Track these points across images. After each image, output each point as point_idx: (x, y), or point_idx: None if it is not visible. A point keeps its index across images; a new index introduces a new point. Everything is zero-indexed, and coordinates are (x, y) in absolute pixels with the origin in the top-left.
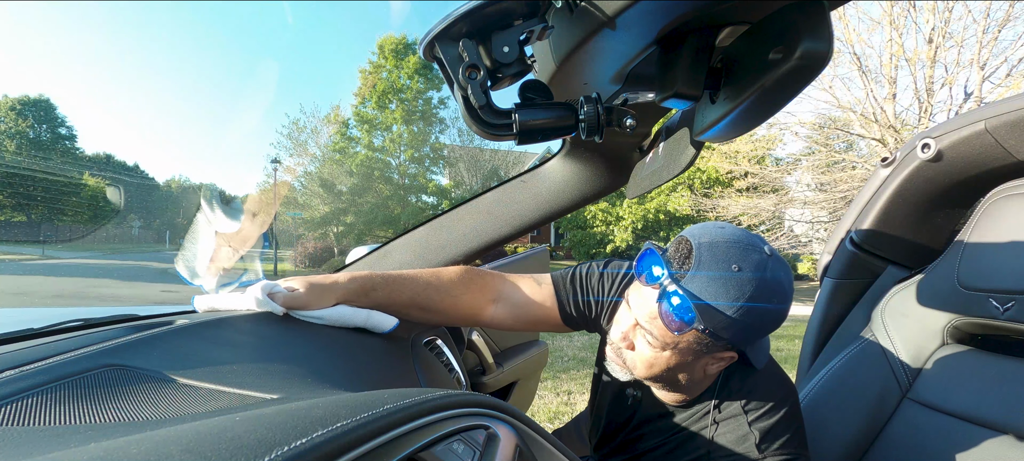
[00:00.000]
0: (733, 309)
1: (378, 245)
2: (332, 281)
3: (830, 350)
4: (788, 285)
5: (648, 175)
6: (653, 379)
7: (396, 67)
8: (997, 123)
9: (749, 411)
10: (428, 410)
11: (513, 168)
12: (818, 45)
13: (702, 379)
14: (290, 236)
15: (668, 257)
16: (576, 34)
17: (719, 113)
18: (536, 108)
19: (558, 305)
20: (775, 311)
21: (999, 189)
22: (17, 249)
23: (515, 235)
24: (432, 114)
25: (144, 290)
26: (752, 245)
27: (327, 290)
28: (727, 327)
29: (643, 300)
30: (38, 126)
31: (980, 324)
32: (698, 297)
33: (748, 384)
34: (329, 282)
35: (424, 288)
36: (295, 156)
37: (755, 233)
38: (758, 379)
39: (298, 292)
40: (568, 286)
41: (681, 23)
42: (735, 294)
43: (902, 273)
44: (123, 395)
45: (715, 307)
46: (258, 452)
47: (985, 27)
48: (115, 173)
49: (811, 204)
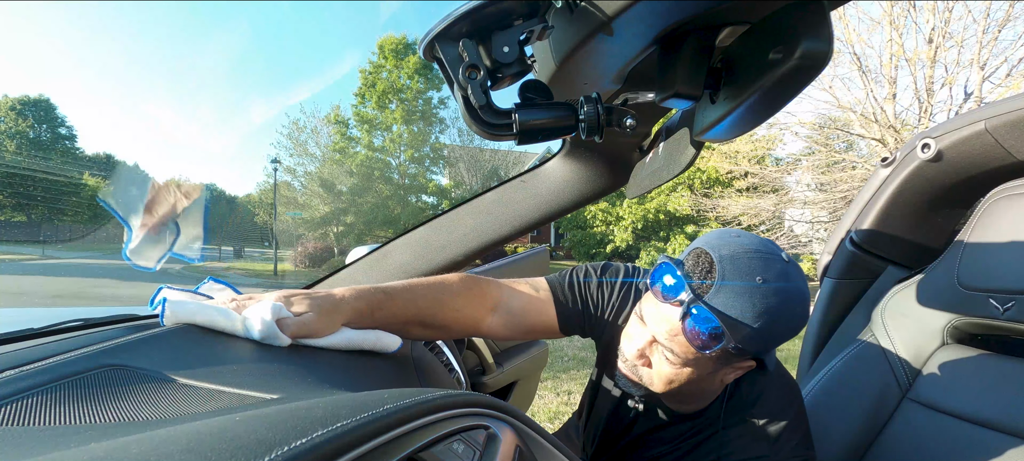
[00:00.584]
0: (760, 321)
1: (378, 245)
2: (339, 298)
3: (830, 350)
4: (807, 291)
5: (648, 175)
6: (671, 394)
7: (396, 67)
8: (997, 123)
9: (758, 415)
10: (428, 410)
11: (513, 168)
12: (818, 45)
13: (717, 389)
14: (290, 236)
15: (687, 271)
16: (576, 34)
17: (719, 113)
18: (536, 108)
19: (557, 313)
20: (799, 319)
21: (999, 189)
22: (17, 249)
23: (515, 235)
24: (432, 114)
25: (144, 290)
26: (772, 254)
27: (335, 310)
28: (753, 339)
29: (661, 316)
30: (38, 126)
31: (980, 324)
32: (724, 312)
33: (756, 388)
34: (336, 299)
35: (426, 301)
36: (295, 156)
37: (768, 238)
38: (766, 383)
39: (308, 319)
40: (566, 292)
41: (681, 23)
42: (761, 307)
43: (902, 273)
44: (123, 395)
45: (742, 322)
46: (258, 452)
47: (985, 27)
48: None
49: (811, 204)
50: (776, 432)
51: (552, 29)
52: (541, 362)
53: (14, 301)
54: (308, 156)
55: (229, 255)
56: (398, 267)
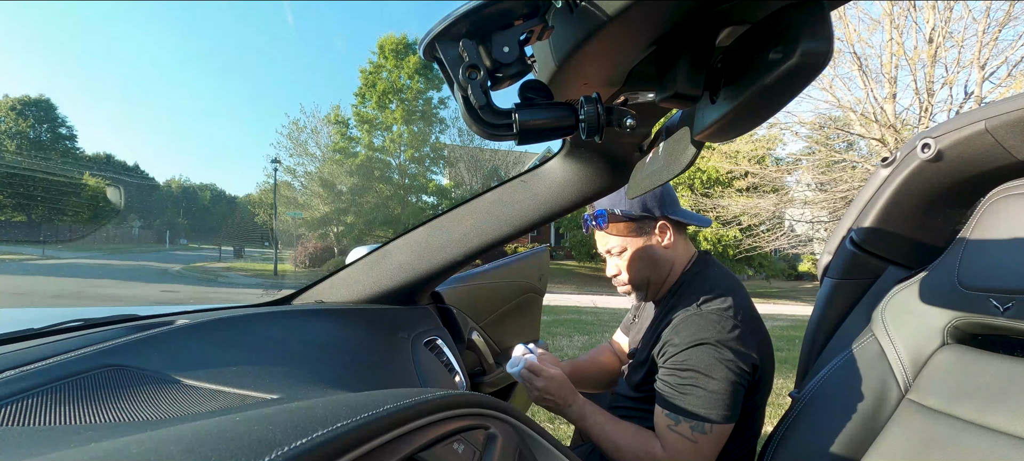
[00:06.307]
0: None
1: (378, 245)
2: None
3: (830, 350)
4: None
5: (648, 175)
6: (638, 284)
7: (396, 67)
8: (997, 123)
9: (693, 298)
10: (428, 410)
11: (513, 168)
12: (818, 45)
13: (665, 264)
14: (290, 236)
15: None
16: (576, 34)
17: (719, 113)
18: (536, 108)
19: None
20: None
21: (999, 189)
22: (17, 249)
23: (515, 235)
24: (432, 114)
25: (144, 290)
26: None
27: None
28: (620, 199)
29: (597, 240)
30: (38, 126)
31: (980, 324)
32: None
33: (699, 279)
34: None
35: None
36: (295, 156)
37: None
38: (707, 275)
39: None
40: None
41: (681, 23)
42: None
43: (902, 273)
44: (123, 395)
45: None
46: (258, 452)
47: (985, 27)
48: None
49: (811, 204)
50: (704, 310)
51: (552, 29)
52: None
53: (14, 301)
54: (308, 156)
55: (229, 255)
56: (398, 267)
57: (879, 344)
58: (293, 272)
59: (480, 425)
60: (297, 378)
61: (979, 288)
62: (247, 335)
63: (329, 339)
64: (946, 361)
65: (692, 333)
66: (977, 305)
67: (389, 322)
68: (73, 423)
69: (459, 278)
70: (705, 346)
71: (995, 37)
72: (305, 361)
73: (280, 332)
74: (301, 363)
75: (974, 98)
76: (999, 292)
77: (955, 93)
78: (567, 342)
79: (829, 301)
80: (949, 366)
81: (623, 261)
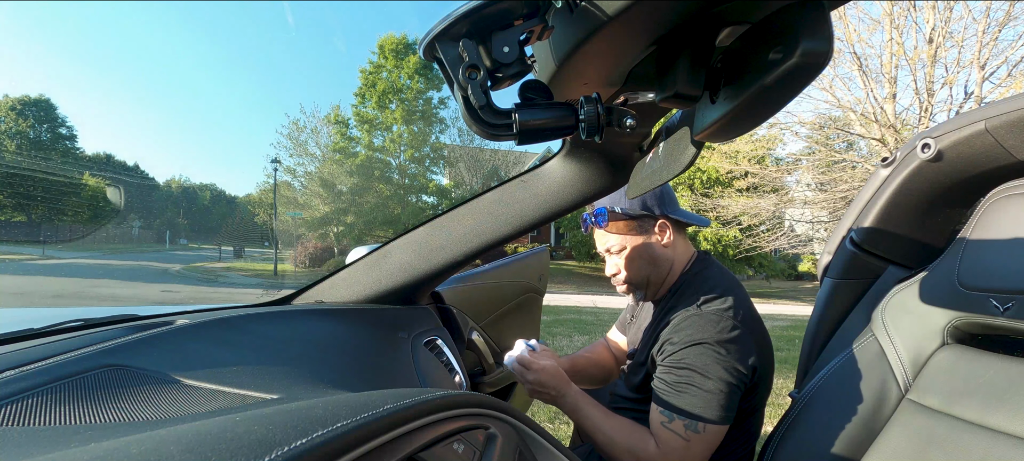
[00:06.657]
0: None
1: (378, 245)
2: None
3: (830, 350)
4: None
5: (648, 175)
6: (637, 283)
7: (396, 67)
8: (997, 123)
9: (693, 298)
10: (428, 410)
11: (513, 168)
12: (818, 45)
13: (664, 263)
14: (290, 236)
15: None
16: (576, 34)
17: (719, 113)
18: (536, 108)
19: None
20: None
21: (999, 189)
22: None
23: (515, 235)
24: (432, 114)
25: (144, 290)
26: None
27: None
28: (620, 198)
29: (596, 239)
30: (38, 126)
31: (980, 324)
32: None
33: (699, 279)
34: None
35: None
36: (295, 156)
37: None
38: (707, 275)
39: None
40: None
41: (681, 23)
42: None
43: (902, 273)
44: (123, 395)
45: (611, 199)
46: (258, 452)
47: (985, 27)
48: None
49: (811, 204)
50: (704, 310)
51: (552, 29)
52: None
53: (14, 301)
54: (308, 156)
55: (229, 255)
56: (398, 267)
57: (879, 344)
58: (293, 272)
59: (480, 425)
60: (297, 378)
61: (979, 288)
62: (247, 335)
63: (329, 339)
64: (946, 361)
65: (691, 333)
66: (977, 305)
67: (389, 322)
68: (73, 423)
69: (459, 278)
70: (703, 346)
71: (995, 37)
72: (305, 361)
73: (280, 332)
74: (301, 363)
75: (974, 98)
76: (999, 292)
77: (955, 93)
78: (567, 342)
79: (829, 301)
80: (949, 366)
81: (622, 260)
